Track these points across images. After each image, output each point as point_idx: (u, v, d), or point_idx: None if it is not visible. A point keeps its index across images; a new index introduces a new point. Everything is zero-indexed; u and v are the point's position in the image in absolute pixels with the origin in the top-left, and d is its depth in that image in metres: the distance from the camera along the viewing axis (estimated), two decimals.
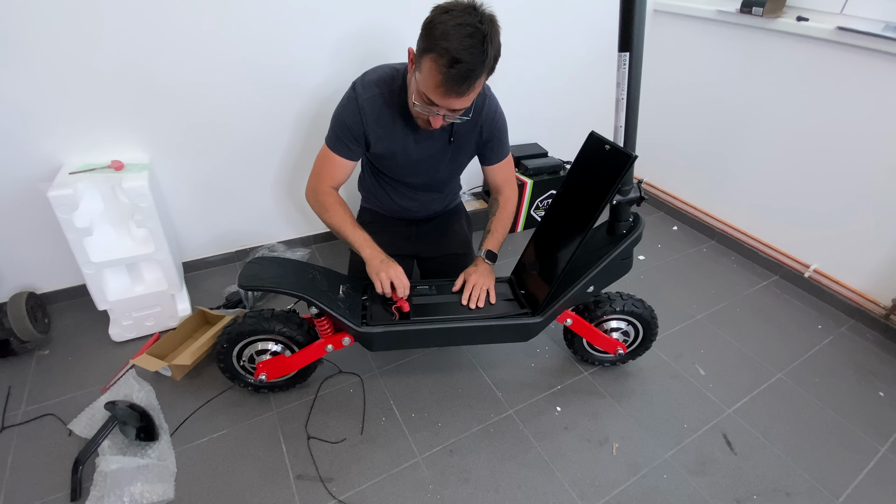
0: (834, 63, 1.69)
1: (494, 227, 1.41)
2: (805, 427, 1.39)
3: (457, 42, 0.99)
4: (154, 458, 1.18)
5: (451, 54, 0.99)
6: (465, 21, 0.99)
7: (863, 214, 1.73)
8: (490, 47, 1.02)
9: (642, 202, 1.24)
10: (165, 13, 1.37)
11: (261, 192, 1.84)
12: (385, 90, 1.22)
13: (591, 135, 1.25)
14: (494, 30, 1.03)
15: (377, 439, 1.29)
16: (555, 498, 1.18)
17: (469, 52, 0.99)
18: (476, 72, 1.02)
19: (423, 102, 1.11)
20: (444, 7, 1.03)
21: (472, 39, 0.99)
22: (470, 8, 1.02)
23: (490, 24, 1.02)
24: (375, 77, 1.24)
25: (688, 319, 1.77)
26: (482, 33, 1.00)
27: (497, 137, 1.35)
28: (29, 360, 1.47)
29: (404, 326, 1.24)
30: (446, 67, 1.00)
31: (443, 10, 1.02)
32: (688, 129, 2.29)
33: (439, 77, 1.03)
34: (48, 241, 1.52)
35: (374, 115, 1.23)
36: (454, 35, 0.99)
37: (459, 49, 0.99)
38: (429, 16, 1.05)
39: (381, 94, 1.22)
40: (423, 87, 1.08)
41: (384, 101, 1.23)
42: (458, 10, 1.01)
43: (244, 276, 1.16)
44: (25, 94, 1.32)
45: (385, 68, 1.25)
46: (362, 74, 1.26)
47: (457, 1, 1.04)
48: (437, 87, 1.05)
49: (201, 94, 1.53)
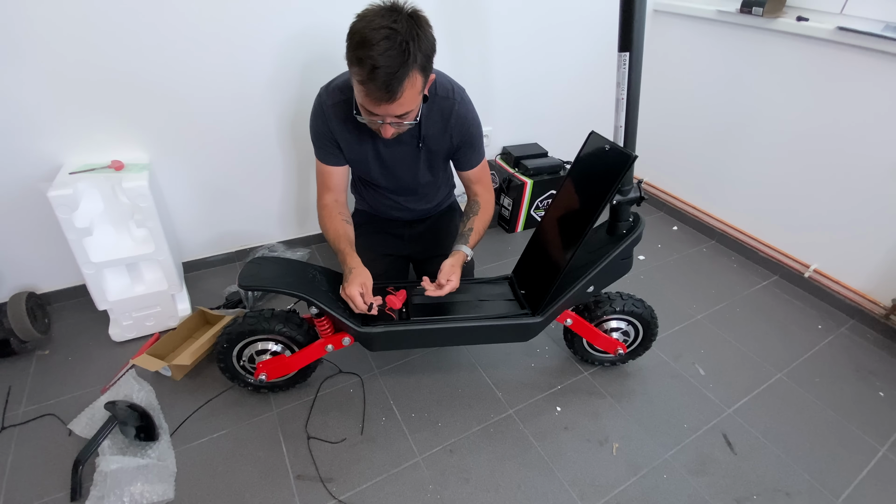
0: (834, 63, 1.69)
1: (476, 226, 1.34)
2: (805, 427, 1.39)
3: (372, 48, 0.94)
4: (154, 458, 1.18)
5: (370, 62, 0.95)
6: (380, 24, 0.95)
7: (863, 214, 1.73)
8: (412, 45, 0.96)
9: (642, 202, 1.24)
10: (166, 13, 1.37)
11: (261, 192, 1.84)
12: (350, 95, 1.17)
13: (591, 135, 1.25)
14: (416, 26, 0.98)
15: (377, 439, 1.29)
16: (555, 498, 1.18)
17: (386, 55, 0.95)
18: (399, 74, 0.97)
19: (365, 113, 1.08)
20: (361, 13, 0.99)
21: (388, 42, 0.95)
22: (385, 10, 0.98)
23: (409, 22, 0.97)
24: (341, 82, 1.21)
25: (688, 319, 1.77)
26: (398, 33, 0.95)
27: (468, 143, 1.30)
28: (29, 360, 1.47)
29: (404, 326, 1.24)
30: (368, 76, 0.97)
31: (359, 17, 0.99)
32: (688, 129, 2.29)
33: (365, 87, 1.00)
34: (48, 241, 1.52)
35: (341, 121, 1.22)
36: (369, 41, 0.95)
37: (376, 55, 0.94)
38: (351, 25, 1.01)
39: (347, 99, 1.19)
40: (357, 98, 1.06)
41: (347, 108, 1.19)
42: (372, 14, 0.98)
43: (244, 276, 1.16)
44: (25, 94, 1.32)
45: (347, 75, 1.21)
46: (327, 82, 1.24)
47: (373, 5, 1.00)
48: (367, 96, 1.01)
49: (201, 94, 1.53)
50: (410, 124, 1.13)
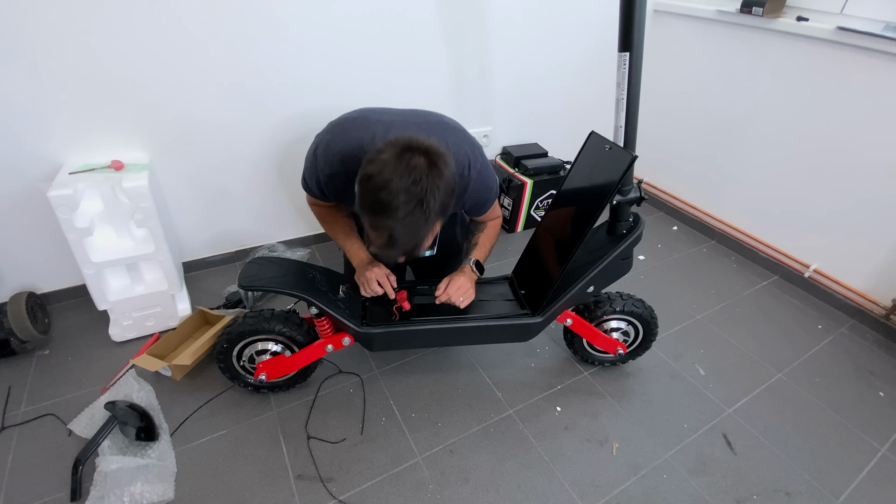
0: (834, 63, 1.69)
1: (482, 241, 1.32)
2: (805, 427, 1.39)
3: (390, 217, 0.84)
4: (154, 458, 1.18)
5: (388, 233, 0.86)
6: (398, 186, 0.83)
7: (863, 214, 1.73)
8: (433, 202, 0.85)
9: (642, 202, 1.24)
10: (166, 14, 1.37)
11: (261, 193, 1.84)
12: (350, 169, 1.03)
13: (591, 135, 1.25)
14: (434, 174, 0.86)
15: (377, 439, 1.29)
16: (555, 498, 1.18)
17: (405, 223, 0.85)
18: (419, 238, 0.89)
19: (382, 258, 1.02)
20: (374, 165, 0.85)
21: (406, 207, 0.83)
22: (399, 160, 0.84)
23: (427, 173, 0.85)
24: (340, 150, 1.09)
25: (688, 319, 1.77)
26: (418, 197, 0.83)
27: (480, 205, 1.25)
28: (29, 360, 1.47)
29: (404, 326, 1.24)
30: (386, 243, 0.89)
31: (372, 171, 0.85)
32: (688, 129, 2.29)
33: (382, 251, 0.92)
34: (48, 241, 1.52)
35: (338, 192, 1.14)
36: (386, 206, 0.83)
37: (395, 225, 0.85)
38: (362, 172, 0.88)
39: (346, 172, 1.07)
40: (370, 243, 0.96)
41: (348, 181, 1.03)
42: (388, 170, 0.84)
43: (244, 276, 1.16)
44: (25, 94, 1.32)
45: (352, 140, 1.09)
46: (327, 138, 1.11)
47: (387, 146, 0.87)
48: (386, 254, 0.94)
49: (201, 94, 1.53)
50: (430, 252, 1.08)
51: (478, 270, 1.29)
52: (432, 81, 1.90)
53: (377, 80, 1.77)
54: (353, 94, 1.75)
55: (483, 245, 1.32)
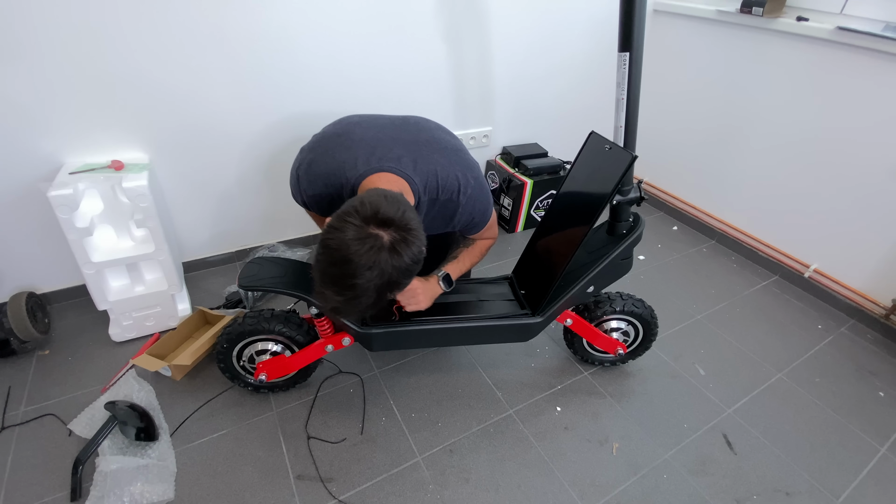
0: (834, 63, 1.69)
1: (462, 256, 1.29)
2: (805, 427, 1.39)
3: (338, 294, 0.82)
4: (154, 458, 1.18)
5: (333, 304, 0.85)
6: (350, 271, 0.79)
7: (863, 214, 1.73)
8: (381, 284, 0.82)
9: (642, 202, 1.24)
10: (165, 14, 1.37)
11: (261, 193, 1.84)
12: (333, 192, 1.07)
13: (591, 135, 1.25)
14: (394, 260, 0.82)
15: (377, 439, 1.29)
16: (555, 498, 1.18)
17: (350, 304, 0.84)
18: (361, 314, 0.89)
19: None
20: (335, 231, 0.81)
21: (353, 291, 0.81)
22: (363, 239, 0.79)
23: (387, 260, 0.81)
24: (322, 172, 1.08)
25: (688, 319, 1.77)
26: (368, 283, 0.81)
27: (471, 227, 1.22)
28: (29, 360, 1.47)
29: (404, 326, 1.24)
30: (330, 311, 0.90)
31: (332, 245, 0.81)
32: (688, 129, 2.29)
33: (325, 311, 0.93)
34: (48, 241, 1.52)
35: (322, 209, 1.15)
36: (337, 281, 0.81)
37: (341, 302, 0.84)
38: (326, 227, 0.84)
39: (329, 194, 1.09)
40: None
41: (330, 202, 1.09)
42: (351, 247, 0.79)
43: (244, 276, 1.16)
44: (25, 94, 1.32)
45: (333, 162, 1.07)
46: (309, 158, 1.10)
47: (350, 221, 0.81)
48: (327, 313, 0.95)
49: (201, 94, 1.53)
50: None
51: (444, 284, 1.22)
52: (432, 81, 1.90)
53: (377, 80, 1.77)
54: (353, 94, 1.75)
55: (461, 260, 1.28)
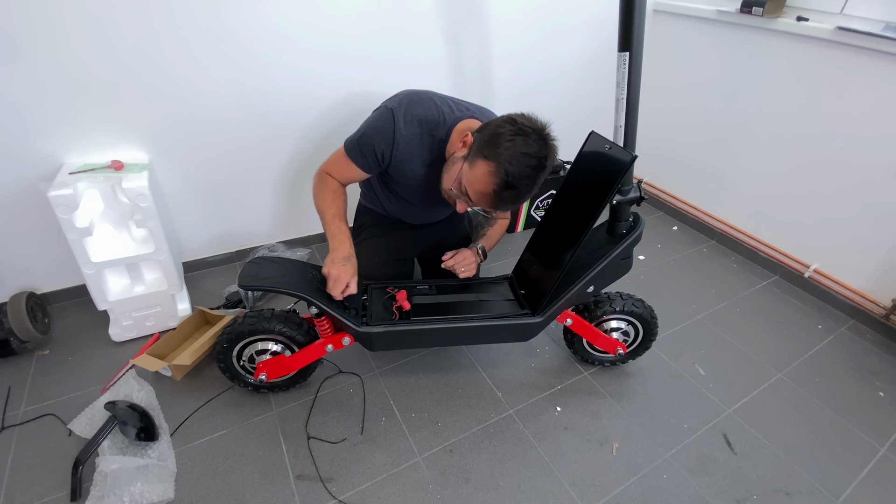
0: (834, 63, 1.69)
1: (490, 234, 1.46)
2: (805, 427, 1.39)
3: (519, 169, 0.99)
4: (154, 458, 1.18)
5: (509, 179, 1.00)
6: (534, 152, 1.00)
7: (863, 214, 1.73)
8: (543, 176, 1.04)
9: (642, 202, 1.24)
10: (165, 14, 1.37)
11: (261, 193, 1.84)
12: (426, 132, 1.17)
13: (591, 135, 1.25)
14: (553, 158, 1.05)
15: (377, 439, 1.29)
16: (555, 498, 1.18)
17: (526, 182, 1.01)
18: (526, 197, 1.06)
19: (462, 193, 1.09)
20: (517, 125, 1.01)
21: (533, 171, 1.01)
22: (541, 134, 1.02)
23: (552, 156, 1.04)
24: (419, 114, 1.17)
25: (688, 319, 1.77)
26: (543, 167, 1.01)
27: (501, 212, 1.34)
28: (29, 360, 1.47)
29: (404, 326, 1.24)
30: (500, 188, 1.01)
31: (514, 130, 1.00)
32: (688, 128, 2.29)
33: (490, 191, 1.03)
34: (48, 241, 1.52)
35: (407, 154, 1.19)
36: (519, 161, 0.99)
37: (520, 177, 1.00)
38: (496, 122, 1.04)
39: (422, 135, 1.17)
40: (468, 183, 1.06)
41: (421, 144, 1.17)
42: (530, 136, 1.00)
43: (244, 276, 1.16)
44: (25, 94, 1.32)
45: (429, 105, 1.18)
46: (405, 103, 1.17)
47: (528, 120, 1.03)
48: (484, 196, 1.05)
49: (202, 94, 1.53)
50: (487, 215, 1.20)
51: (483, 255, 1.42)
52: (432, 81, 1.89)
53: (377, 80, 1.77)
54: (353, 94, 1.75)
55: (491, 237, 1.46)
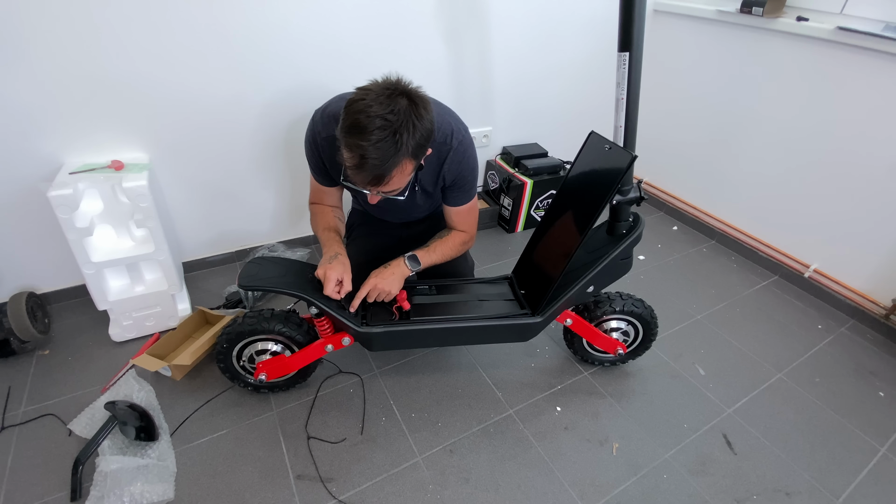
0: (834, 63, 1.69)
1: (434, 245, 1.31)
2: (805, 427, 1.39)
3: (364, 137, 0.90)
4: (154, 458, 1.18)
5: (359, 152, 0.92)
6: (376, 112, 0.90)
7: (863, 214, 1.73)
8: (406, 136, 0.92)
9: (642, 202, 1.24)
10: (166, 14, 1.37)
11: (261, 193, 1.84)
12: None
13: (591, 135, 1.25)
14: (413, 113, 0.94)
15: (377, 439, 1.29)
16: (555, 498, 1.18)
17: (377, 147, 0.91)
18: (388, 166, 0.94)
19: (352, 183, 1.04)
20: (360, 92, 0.94)
21: (380, 132, 0.90)
22: (384, 93, 0.92)
23: (407, 110, 0.93)
24: (335, 109, 1.13)
25: (688, 319, 1.77)
26: (392, 124, 0.91)
27: (459, 185, 1.26)
28: (29, 360, 1.47)
29: (404, 326, 1.24)
30: (356, 165, 0.94)
31: (357, 97, 0.93)
32: (688, 128, 2.29)
33: (352, 172, 0.97)
34: (48, 241, 1.52)
35: (332, 154, 1.13)
36: (362, 128, 0.90)
37: (367, 146, 0.91)
38: (350, 96, 0.95)
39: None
40: (345, 169, 1.01)
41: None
42: (371, 97, 0.92)
43: (244, 276, 1.16)
44: (25, 94, 1.32)
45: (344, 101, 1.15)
46: (326, 103, 1.18)
47: (374, 82, 0.95)
48: (353, 178, 0.99)
49: (201, 94, 1.53)
50: (399, 197, 1.10)
51: (410, 262, 1.25)
52: (432, 82, 1.90)
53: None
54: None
55: (433, 250, 1.30)
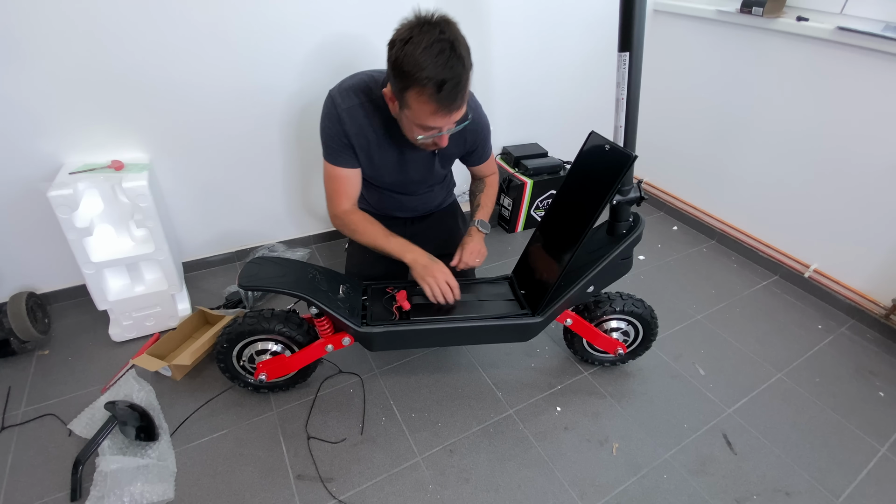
0: (834, 63, 1.69)
1: (483, 201, 1.45)
2: (805, 427, 1.39)
3: (433, 66, 0.96)
4: (154, 458, 1.18)
5: (435, 79, 0.97)
6: (430, 40, 0.96)
7: (863, 214, 1.73)
8: (462, 49, 0.99)
9: (642, 202, 1.24)
10: (164, 14, 1.37)
11: (261, 192, 1.84)
12: (364, 99, 1.18)
13: (591, 135, 1.25)
14: (455, 30, 1.00)
15: (377, 439, 1.29)
16: (555, 498, 1.18)
17: (449, 67, 0.97)
18: (464, 81, 1.01)
19: (426, 132, 1.09)
20: (402, 38, 0.99)
21: (444, 55, 0.97)
22: (425, 25, 0.98)
23: (450, 28, 0.99)
24: (353, 85, 1.19)
25: (688, 319, 1.77)
26: (449, 42, 0.97)
27: (481, 145, 1.36)
28: (29, 360, 1.47)
29: (404, 326, 1.24)
30: (436, 93, 0.99)
31: (403, 42, 0.98)
32: (688, 128, 2.29)
33: (433, 105, 1.01)
34: (48, 241, 1.52)
35: (356, 126, 1.19)
36: (427, 60, 0.96)
37: (441, 71, 0.97)
38: (391, 54, 1.01)
39: (361, 104, 1.18)
40: (418, 119, 1.06)
41: (364, 112, 1.18)
42: (417, 34, 0.97)
43: (244, 276, 1.16)
44: (25, 94, 1.32)
45: (361, 76, 1.21)
46: (340, 83, 1.21)
47: (408, 24, 1.00)
48: (435, 113, 1.03)
49: (201, 94, 1.53)
50: (465, 124, 1.14)
51: (482, 227, 1.40)
52: None
53: None
54: None
55: (485, 206, 1.45)
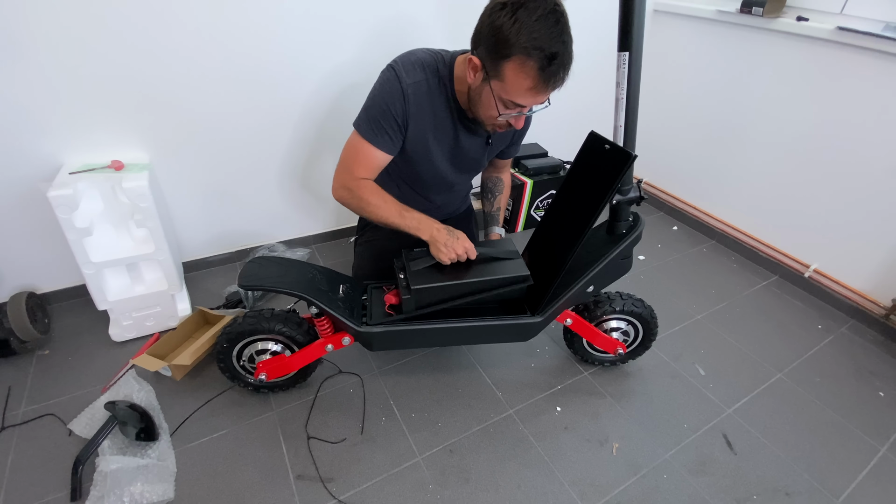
0: (834, 63, 1.69)
1: (502, 203, 1.51)
2: (805, 427, 1.39)
3: (547, 37, 0.91)
4: (154, 458, 1.18)
5: (546, 51, 0.92)
6: (545, 10, 0.90)
7: (863, 214, 1.73)
8: (567, 21, 0.94)
9: (642, 202, 1.24)
10: (165, 13, 1.37)
11: (261, 192, 1.84)
12: (430, 77, 1.10)
13: (590, 134, 1.25)
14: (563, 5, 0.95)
15: (377, 439, 1.29)
16: (555, 498, 1.18)
17: (562, 42, 0.92)
18: (571, 59, 0.96)
19: (510, 108, 1.04)
20: (512, 4, 0.92)
21: (558, 27, 0.92)
22: None
23: (561, 1, 0.94)
24: (417, 60, 1.10)
25: (688, 319, 1.77)
26: (564, 15, 0.92)
27: (521, 137, 1.40)
28: (29, 360, 1.47)
29: (404, 326, 1.24)
30: (544, 65, 0.93)
31: (515, 6, 0.91)
32: (688, 128, 2.29)
33: (535, 78, 0.95)
34: (48, 241, 1.52)
35: (418, 104, 1.09)
36: (541, 30, 0.90)
37: (553, 43, 0.91)
38: (487, 22, 0.95)
39: (427, 80, 1.09)
40: (509, 94, 1.00)
41: (428, 90, 1.10)
42: (530, 2, 0.91)
43: (244, 276, 1.16)
44: (25, 94, 1.32)
45: (422, 53, 1.12)
46: (400, 58, 1.11)
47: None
48: (532, 88, 0.97)
49: (201, 94, 1.53)
50: (544, 107, 1.09)
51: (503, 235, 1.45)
52: None
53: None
54: (352, 93, 1.75)
55: (503, 209, 1.52)
